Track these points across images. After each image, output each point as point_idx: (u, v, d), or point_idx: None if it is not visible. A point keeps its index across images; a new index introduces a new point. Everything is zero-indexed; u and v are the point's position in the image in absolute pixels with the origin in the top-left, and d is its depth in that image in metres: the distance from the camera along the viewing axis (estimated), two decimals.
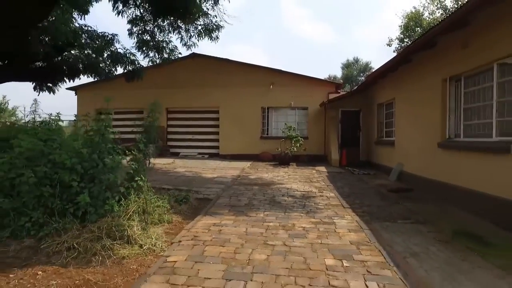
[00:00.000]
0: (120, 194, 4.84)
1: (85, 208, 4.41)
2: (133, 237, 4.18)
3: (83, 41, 7.96)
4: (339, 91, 16.66)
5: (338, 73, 53.27)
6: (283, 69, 16.16)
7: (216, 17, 8.23)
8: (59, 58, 7.73)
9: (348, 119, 14.84)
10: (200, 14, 7.19)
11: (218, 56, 16.15)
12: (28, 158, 4.36)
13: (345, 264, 3.70)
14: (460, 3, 24.40)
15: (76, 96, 17.62)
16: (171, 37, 9.47)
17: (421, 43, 7.54)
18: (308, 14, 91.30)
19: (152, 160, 10.67)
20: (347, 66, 52.00)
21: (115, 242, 4.04)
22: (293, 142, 14.60)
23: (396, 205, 6.81)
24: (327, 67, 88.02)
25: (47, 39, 7.63)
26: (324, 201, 7.00)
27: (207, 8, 7.93)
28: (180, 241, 4.38)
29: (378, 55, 73.54)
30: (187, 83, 15.85)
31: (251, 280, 3.27)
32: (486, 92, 6.05)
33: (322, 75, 70.77)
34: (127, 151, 5.38)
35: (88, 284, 3.24)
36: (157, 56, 10.04)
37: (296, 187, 8.62)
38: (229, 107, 16.12)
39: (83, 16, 8.54)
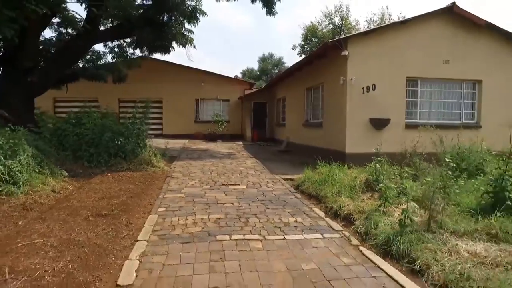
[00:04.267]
0: (139, 147, 9.70)
1: (126, 153, 9.21)
2: (155, 164, 9.20)
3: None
4: (252, 88, 22.65)
5: (255, 65, 59.61)
6: (212, 70, 21.48)
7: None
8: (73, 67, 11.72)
9: (258, 108, 20.78)
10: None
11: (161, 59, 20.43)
12: (100, 129, 8.99)
13: (247, 168, 9.34)
14: (343, 21, 32.30)
15: None
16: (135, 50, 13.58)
17: (294, 68, 13.61)
18: (229, 2, 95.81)
19: None
20: (263, 60, 58.55)
21: (147, 166, 9.01)
22: (219, 124, 19.97)
23: (278, 156, 12.80)
24: (246, 59, 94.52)
25: None
26: (240, 155, 12.64)
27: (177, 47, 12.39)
28: (175, 166, 9.54)
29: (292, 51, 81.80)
30: (136, 79, 19.69)
31: (212, 172, 8.69)
32: (319, 97, 12.25)
33: (242, 67, 76.76)
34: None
35: (147, 174, 8.23)
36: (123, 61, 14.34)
37: (224, 151, 14.11)
38: (170, 99, 20.77)
39: None
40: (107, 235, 4.21)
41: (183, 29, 10.47)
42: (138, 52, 12.50)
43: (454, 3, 10.01)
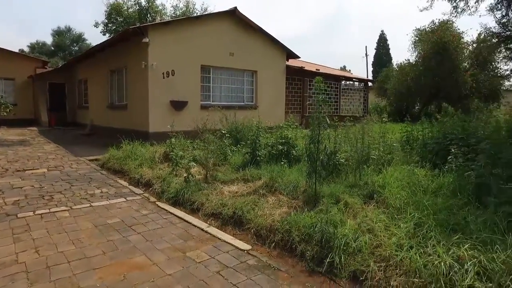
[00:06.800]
0: None
1: None
2: None
3: None
4: (46, 66, 19.99)
5: (48, 39, 51.34)
6: None
7: None
8: None
9: (56, 89, 18.70)
10: None
11: None
12: None
13: (46, 153, 8.87)
14: (150, 4, 32.21)
15: None
16: None
17: (97, 49, 13.21)
18: None
19: None
20: (58, 33, 51.00)
21: None
22: (2, 108, 16.84)
23: (83, 140, 12.41)
24: (37, 30, 78.86)
25: None
26: (36, 142, 11.53)
27: None
28: None
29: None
30: None
31: (0, 160, 7.86)
32: (123, 80, 12.48)
33: (30, 40, 64.24)
34: None
35: None
36: None
37: (13, 138, 12.40)
38: None
39: None
40: None
41: None
42: None
43: (235, 8, 12.29)
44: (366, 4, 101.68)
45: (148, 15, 33.39)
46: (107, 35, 31.91)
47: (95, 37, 76.40)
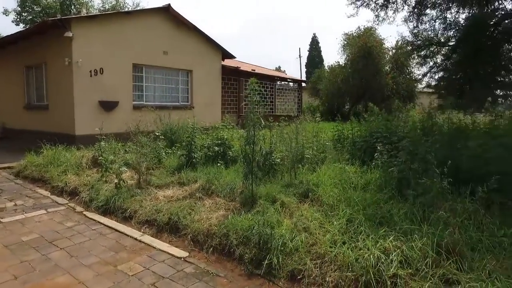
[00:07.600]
0: None
1: None
2: None
3: None
4: None
5: None
6: None
7: None
8: None
9: None
10: None
11: None
12: None
13: None
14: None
15: None
16: None
17: (6, 41, 11.78)
18: None
19: None
20: None
21: None
22: None
23: None
24: None
25: None
26: None
27: None
28: None
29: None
30: None
31: None
32: (43, 78, 11.28)
33: None
34: None
35: None
36: None
37: None
38: None
39: None
40: None
41: None
42: None
43: (169, 4, 11.85)
44: (300, 7, 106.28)
45: (72, 7, 30.81)
46: (21, 25, 28.72)
47: (4, 27, 67.97)
